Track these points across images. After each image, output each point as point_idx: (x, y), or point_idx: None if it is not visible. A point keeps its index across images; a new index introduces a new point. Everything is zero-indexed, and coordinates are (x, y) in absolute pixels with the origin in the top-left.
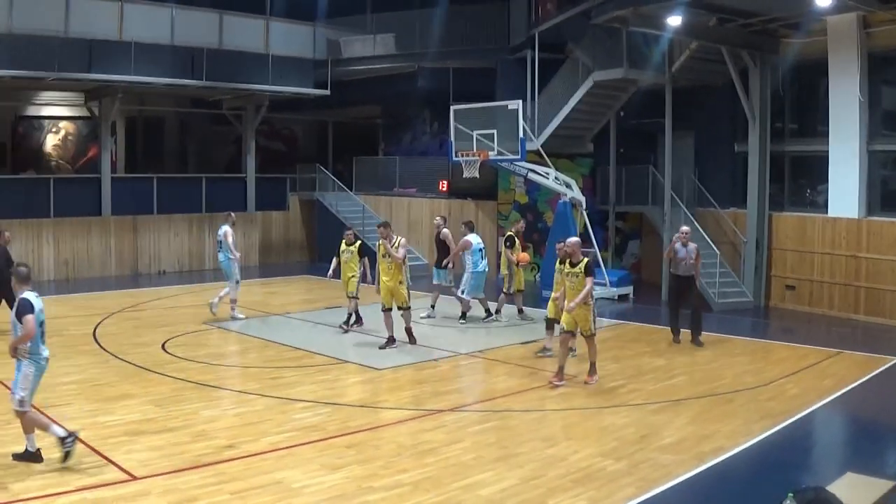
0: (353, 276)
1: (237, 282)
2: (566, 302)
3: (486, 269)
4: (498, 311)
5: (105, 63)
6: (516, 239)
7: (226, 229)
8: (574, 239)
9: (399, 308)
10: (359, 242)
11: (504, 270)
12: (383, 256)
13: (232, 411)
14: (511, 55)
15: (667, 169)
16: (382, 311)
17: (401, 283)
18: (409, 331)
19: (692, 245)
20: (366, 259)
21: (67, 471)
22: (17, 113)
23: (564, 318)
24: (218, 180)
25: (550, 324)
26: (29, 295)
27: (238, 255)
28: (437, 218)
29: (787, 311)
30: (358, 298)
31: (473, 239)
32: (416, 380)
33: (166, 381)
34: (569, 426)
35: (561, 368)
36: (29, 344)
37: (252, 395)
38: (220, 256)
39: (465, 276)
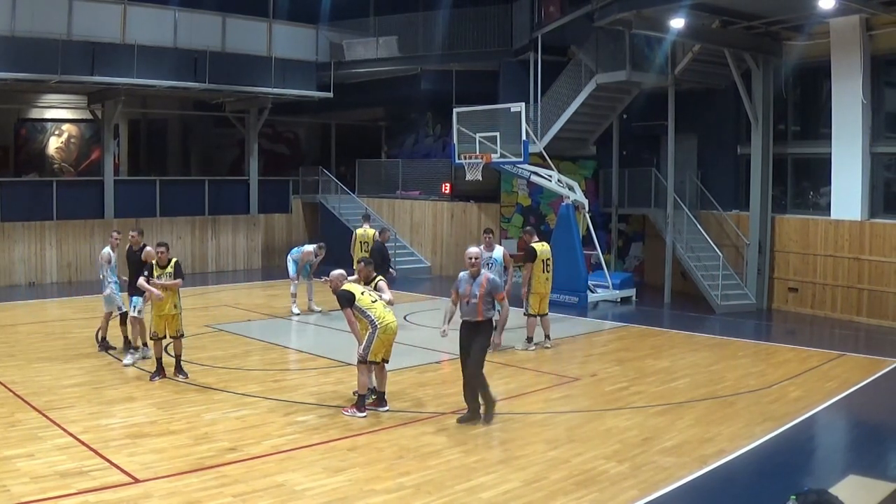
0: (175, 309)
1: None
2: None
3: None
4: (545, 338)
5: (108, 65)
6: (535, 253)
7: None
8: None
9: None
10: (174, 260)
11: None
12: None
13: (234, 414)
14: (514, 58)
15: (670, 171)
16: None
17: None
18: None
19: (485, 275)
20: (179, 282)
21: (69, 474)
22: (20, 115)
23: None
24: (221, 183)
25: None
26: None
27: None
28: (133, 232)
29: (790, 314)
30: (185, 336)
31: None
32: (418, 382)
33: (168, 384)
34: (571, 429)
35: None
36: None
37: (254, 398)
38: None
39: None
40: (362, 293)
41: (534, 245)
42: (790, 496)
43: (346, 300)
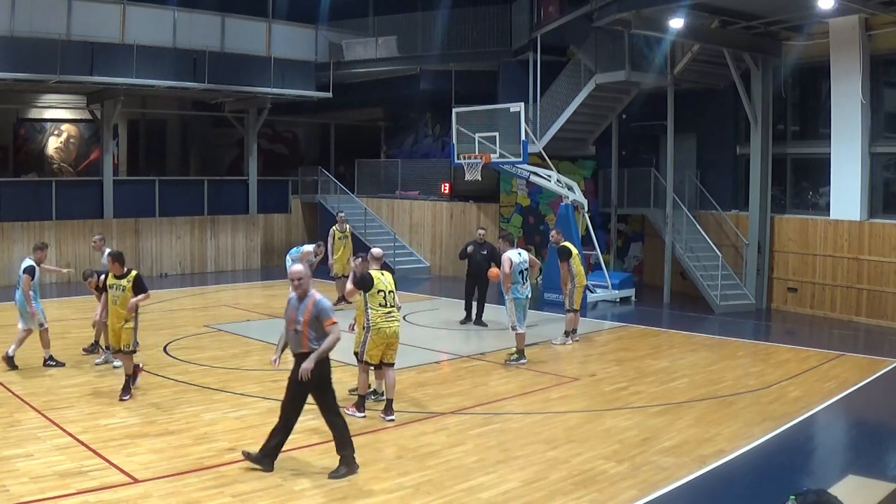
0: (128, 324)
1: None
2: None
3: (529, 295)
4: (572, 332)
5: (107, 65)
6: (571, 250)
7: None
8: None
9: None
10: (133, 273)
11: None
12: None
13: (233, 414)
14: (513, 58)
15: (669, 171)
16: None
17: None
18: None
19: (312, 298)
20: (142, 297)
21: (68, 474)
22: (19, 115)
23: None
24: (220, 183)
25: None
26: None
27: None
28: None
29: (789, 314)
30: (136, 352)
31: (514, 256)
32: (417, 382)
33: (168, 384)
34: (570, 429)
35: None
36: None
37: (253, 398)
38: None
39: (507, 305)
40: (378, 291)
41: (566, 244)
42: (789, 496)
43: (367, 285)
